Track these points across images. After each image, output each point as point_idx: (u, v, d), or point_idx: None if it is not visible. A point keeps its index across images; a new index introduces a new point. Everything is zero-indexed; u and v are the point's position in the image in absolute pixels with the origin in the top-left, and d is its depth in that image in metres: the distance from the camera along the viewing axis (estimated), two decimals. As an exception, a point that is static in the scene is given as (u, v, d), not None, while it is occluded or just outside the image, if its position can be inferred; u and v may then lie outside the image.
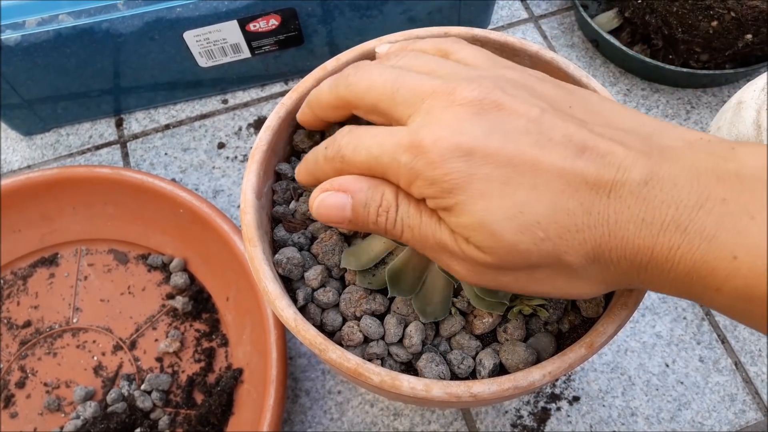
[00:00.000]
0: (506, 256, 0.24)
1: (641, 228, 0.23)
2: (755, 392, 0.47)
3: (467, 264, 0.26)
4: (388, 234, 0.27)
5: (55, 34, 0.50)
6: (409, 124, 0.26)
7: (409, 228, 0.26)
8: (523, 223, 0.24)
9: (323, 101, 0.31)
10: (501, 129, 0.24)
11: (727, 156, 0.23)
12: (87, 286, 0.51)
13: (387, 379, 0.30)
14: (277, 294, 0.31)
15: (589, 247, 0.24)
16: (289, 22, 0.54)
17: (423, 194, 0.25)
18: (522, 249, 0.24)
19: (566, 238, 0.24)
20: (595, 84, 0.37)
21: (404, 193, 0.26)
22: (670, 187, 0.23)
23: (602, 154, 0.24)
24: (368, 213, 0.27)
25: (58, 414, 0.47)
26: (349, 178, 0.27)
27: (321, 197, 0.28)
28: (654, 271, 0.24)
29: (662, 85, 0.59)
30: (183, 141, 0.59)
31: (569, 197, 0.24)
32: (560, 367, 0.30)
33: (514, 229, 0.24)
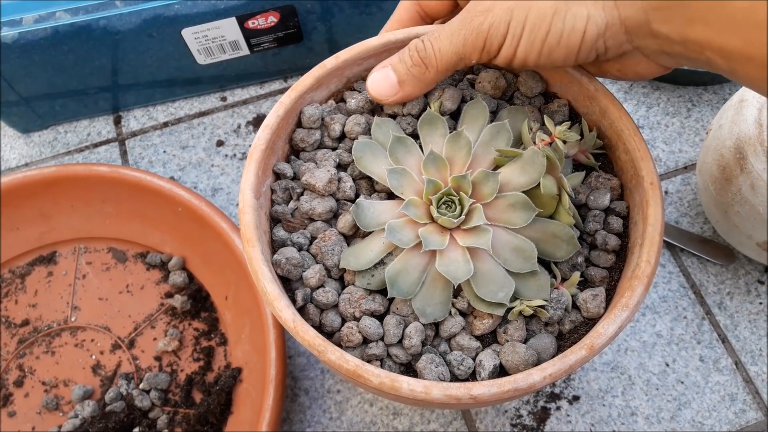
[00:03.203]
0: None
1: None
2: (755, 392, 0.47)
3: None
4: (431, 59, 0.33)
5: (53, 32, 0.49)
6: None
7: (436, 38, 0.32)
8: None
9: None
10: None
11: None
12: (85, 284, 0.51)
13: (386, 380, 0.29)
14: (275, 295, 0.31)
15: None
16: (288, 19, 0.53)
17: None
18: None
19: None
20: (597, 83, 0.36)
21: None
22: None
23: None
24: (405, 59, 0.34)
25: (56, 413, 0.47)
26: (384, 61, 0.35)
27: (369, 79, 0.35)
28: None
29: (663, 83, 0.59)
30: (182, 139, 0.58)
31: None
32: (561, 369, 0.30)
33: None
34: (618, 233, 0.36)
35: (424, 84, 0.35)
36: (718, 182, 0.45)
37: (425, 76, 0.34)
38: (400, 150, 0.36)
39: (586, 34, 0.30)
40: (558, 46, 0.30)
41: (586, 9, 0.29)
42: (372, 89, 0.35)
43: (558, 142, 0.33)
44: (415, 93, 0.35)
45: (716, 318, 0.49)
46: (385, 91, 0.35)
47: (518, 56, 0.32)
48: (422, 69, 0.34)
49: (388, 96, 0.35)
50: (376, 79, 0.35)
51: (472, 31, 0.32)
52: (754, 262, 0.51)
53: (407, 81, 0.35)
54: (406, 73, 0.34)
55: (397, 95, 0.35)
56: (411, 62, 0.34)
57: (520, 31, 0.31)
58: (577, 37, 0.30)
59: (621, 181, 0.37)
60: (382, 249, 0.34)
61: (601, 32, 0.29)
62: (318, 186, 0.35)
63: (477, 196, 0.34)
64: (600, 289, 0.34)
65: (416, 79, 0.34)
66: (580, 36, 0.30)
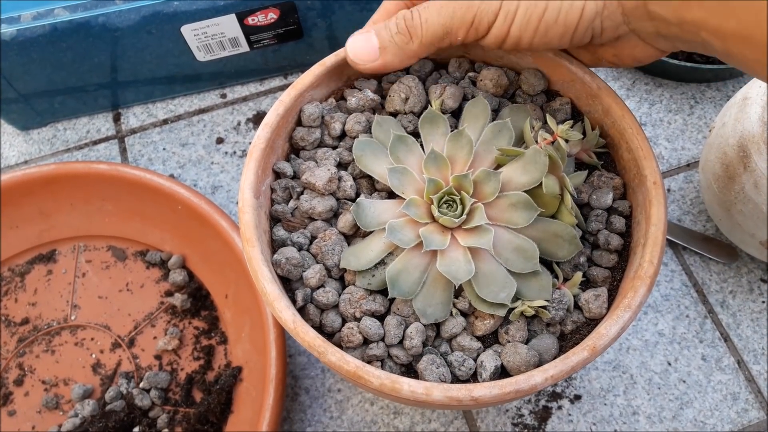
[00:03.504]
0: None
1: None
2: (758, 391, 0.47)
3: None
4: (417, 29, 0.32)
5: (51, 29, 0.49)
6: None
7: (425, 8, 0.31)
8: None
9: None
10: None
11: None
12: (85, 282, 0.51)
13: (387, 382, 0.29)
14: (275, 295, 0.31)
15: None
16: (288, 15, 0.53)
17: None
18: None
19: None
20: (599, 81, 0.36)
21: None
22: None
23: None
24: (390, 26, 0.33)
25: (56, 412, 0.47)
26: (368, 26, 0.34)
27: (349, 41, 0.34)
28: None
29: (666, 80, 0.59)
30: (181, 136, 0.58)
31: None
32: (562, 371, 0.29)
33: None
34: (620, 233, 0.35)
35: (405, 55, 0.34)
36: (721, 180, 0.45)
37: (408, 47, 0.33)
38: (401, 149, 0.35)
39: (585, 12, 0.29)
40: (555, 24, 0.30)
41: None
42: (351, 52, 0.34)
43: (560, 141, 0.33)
44: (394, 63, 0.34)
45: (718, 317, 0.49)
46: (364, 56, 0.34)
47: (512, 35, 0.31)
48: (406, 38, 0.33)
49: (367, 61, 0.34)
50: (357, 42, 0.34)
51: (462, 5, 0.31)
52: (756, 260, 0.51)
53: (389, 48, 0.33)
54: (389, 40, 0.33)
55: (376, 62, 0.34)
56: (396, 29, 0.33)
57: (514, 8, 0.30)
58: (575, 15, 0.29)
59: (624, 180, 0.36)
60: (383, 249, 0.34)
61: (599, 11, 0.29)
62: (318, 185, 0.35)
63: (478, 196, 0.34)
64: (602, 290, 0.33)
65: (398, 48, 0.33)
66: (578, 13, 0.29)
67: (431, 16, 0.32)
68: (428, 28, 0.32)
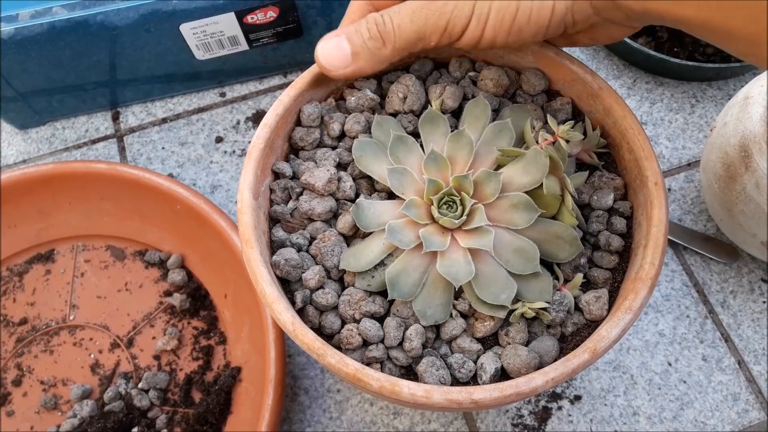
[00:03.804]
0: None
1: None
2: (758, 391, 0.47)
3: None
4: (389, 34, 0.32)
5: (49, 27, 0.49)
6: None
7: (397, 14, 0.31)
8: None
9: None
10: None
11: None
12: (84, 282, 0.51)
13: (386, 384, 0.29)
14: (274, 297, 0.31)
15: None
16: (288, 13, 0.53)
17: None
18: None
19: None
20: (600, 81, 0.36)
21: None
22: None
23: None
24: (362, 31, 0.32)
25: (55, 412, 0.47)
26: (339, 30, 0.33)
27: (319, 46, 0.33)
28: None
29: (667, 79, 0.58)
30: (180, 135, 0.58)
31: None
32: (563, 373, 0.29)
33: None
34: (621, 234, 0.35)
35: (378, 60, 0.33)
36: (723, 180, 0.45)
37: (381, 52, 0.33)
38: (400, 149, 0.35)
39: (555, 10, 0.30)
40: (528, 24, 0.30)
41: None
42: (322, 58, 0.33)
43: (561, 142, 0.33)
44: (367, 69, 0.34)
45: (719, 317, 0.49)
46: (336, 62, 0.33)
47: (485, 37, 0.31)
48: (379, 44, 0.32)
49: (339, 67, 0.33)
50: (328, 48, 0.33)
51: (435, 11, 0.31)
52: (757, 260, 0.50)
53: (362, 54, 0.33)
54: (361, 45, 0.33)
55: (348, 68, 0.33)
56: (368, 35, 0.32)
57: (486, 11, 0.30)
58: (546, 13, 0.30)
59: (625, 181, 0.36)
60: (383, 250, 0.34)
61: (569, 6, 0.30)
62: (317, 185, 0.35)
63: (479, 197, 0.33)
64: (603, 291, 0.33)
65: (371, 54, 0.33)
66: (549, 11, 0.30)
67: (404, 21, 0.32)
68: (401, 33, 0.32)
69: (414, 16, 0.31)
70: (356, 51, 0.33)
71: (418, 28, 0.31)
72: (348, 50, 0.33)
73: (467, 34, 0.31)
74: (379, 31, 0.32)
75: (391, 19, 0.32)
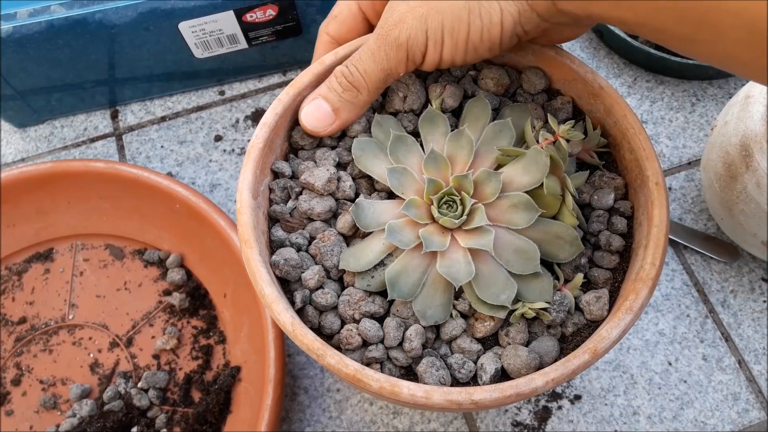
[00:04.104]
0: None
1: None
2: (758, 391, 0.46)
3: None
4: (360, 81, 0.33)
5: (48, 25, 0.48)
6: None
7: (359, 60, 0.33)
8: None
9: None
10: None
11: None
12: (83, 281, 0.51)
13: (386, 385, 0.29)
14: (273, 297, 0.31)
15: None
16: (287, 12, 0.52)
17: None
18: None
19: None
20: (601, 80, 0.36)
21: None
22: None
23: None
24: (335, 87, 0.34)
25: (54, 412, 0.47)
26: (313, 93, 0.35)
27: (302, 113, 0.35)
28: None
29: (667, 77, 0.58)
30: (179, 133, 0.58)
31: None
32: (563, 374, 0.29)
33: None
34: (622, 234, 0.35)
35: (358, 107, 0.35)
36: (723, 179, 0.45)
37: (359, 99, 0.34)
38: (400, 149, 0.35)
39: (504, 25, 0.31)
40: (481, 42, 0.32)
41: (497, 3, 0.30)
42: (307, 122, 0.35)
43: (561, 141, 0.33)
44: (351, 118, 0.35)
45: (719, 316, 0.49)
46: (321, 122, 0.35)
47: (445, 59, 0.33)
48: (354, 93, 0.34)
49: (326, 126, 0.35)
50: (310, 112, 0.35)
51: (392, 46, 0.32)
52: (758, 259, 0.50)
53: (342, 107, 0.34)
54: (339, 100, 0.34)
55: (335, 124, 0.35)
56: (341, 88, 0.34)
57: (440, 36, 0.32)
58: (496, 30, 0.31)
59: (625, 181, 0.36)
60: (382, 250, 0.33)
61: (516, 20, 0.31)
62: (317, 185, 0.34)
63: (479, 196, 0.33)
64: (603, 291, 0.33)
65: (350, 104, 0.34)
66: (499, 28, 0.31)
67: (368, 65, 0.33)
68: (370, 77, 0.33)
69: (375, 57, 0.33)
70: (336, 107, 0.34)
71: (383, 67, 0.33)
72: (328, 109, 0.34)
73: (427, 59, 0.33)
74: (349, 82, 0.34)
75: (356, 68, 0.33)
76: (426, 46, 0.32)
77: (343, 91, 0.34)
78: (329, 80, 0.35)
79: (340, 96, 0.34)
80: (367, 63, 0.33)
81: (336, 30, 0.38)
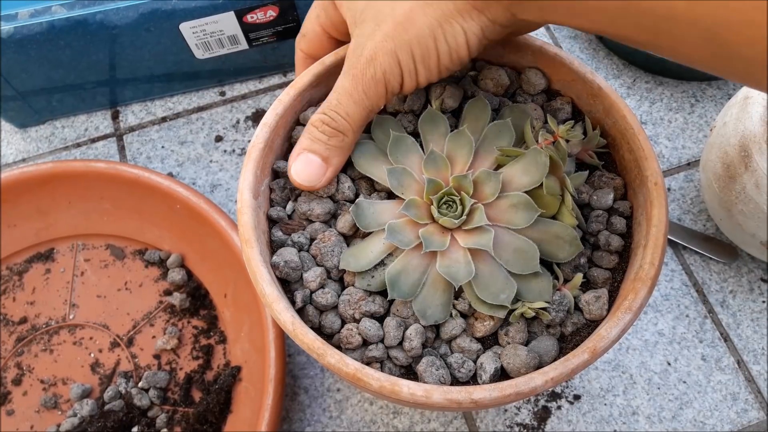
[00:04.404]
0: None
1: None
2: (757, 391, 0.47)
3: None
4: (344, 125, 0.33)
5: (49, 26, 0.49)
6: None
7: (338, 105, 0.33)
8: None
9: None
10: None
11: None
12: (84, 281, 0.51)
13: (386, 384, 0.29)
14: (274, 297, 0.31)
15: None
16: (288, 13, 0.53)
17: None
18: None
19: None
20: (600, 80, 0.36)
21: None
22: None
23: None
24: (319, 137, 0.33)
25: (54, 412, 0.47)
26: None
27: (292, 171, 0.34)
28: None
29: (666, 78, 0.58)
30: (180, 134, 0.58)
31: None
32: (563, 373, 0.29)
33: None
34: (621, 234, 0.35)
35: (346, 149, 0.34)
36: (722, 180, 0.45)
37: (345, 142, 0.34)
38: (400, 149, 0.35)
39: (470, 43, 0.32)
40: (451, 62, 0.33)
41: (459, 25, 0.31)
42: (301, 179, 0.34)
43: (561, 141, 0.33)
44: (343, 161, 0.35)
45: (718, 316, 0.49)
46: (315, 175, 0.34)
47: (421, 83, 0.33)
48: (341, 137, 0.34)
49: (320, 177, 0.34)
50: (301, 169, 0.34)
51: (369, 83, 0.32)
52: (757, 260, 0.51)
53: (331, 155, 0.34)
54: (326, 149, 0.34)
55: (328, 173, 0.34)
56: (327, 136, 0.33)
57: (413, 66, 0.32)
58: (463, 50, 0.32)
59: (624, 181, 0.36)
60: (383, 250, 0.34)
61: (480, 36, 0.32)
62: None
63: (478, 196, 0.33)
64: (603, 291, 0.33)
65: (338, 149, 0.34)
66: (465, 48, 0.32)
67: (349, 107, 0.33)
68: (353, 118, 0.33)
69: (354, 97, 0.33)
70: (325, 156, 0.34)
71: (364, 105, 0.33)
72: (318, 160, 0.34)
73: (405, 86, 0.33)
74: (333, 128, 0.33)
75: (336, 113, 0.33)
76: (402, 77, 0.32)
77: (329, 138, 0.33)
78: (309, 131, 0.34)
79: (327, 144, 0.34)
80: (348, 105, 0.33)
81: (307, 47, 0.39)
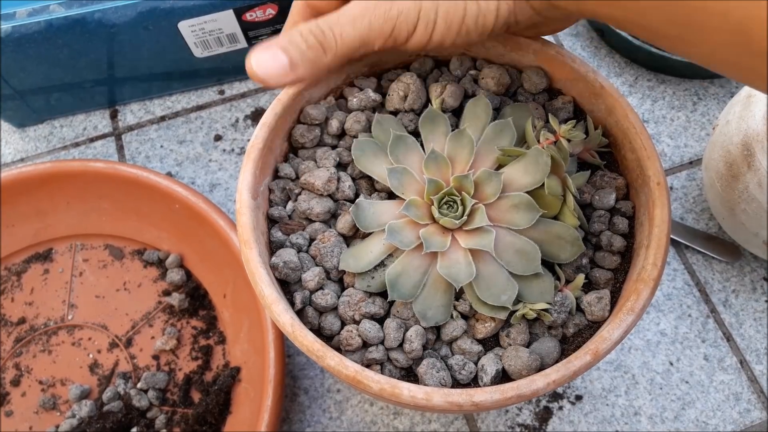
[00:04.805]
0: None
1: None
2: (760, 391, 0.46)
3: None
4: (330, 42, 0.31)
5: (47, 25, 0.48)
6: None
7: (336, 23, 0.30)
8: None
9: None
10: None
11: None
12: (82, 281, 0.51)
13: (387, 387, 0.29)
14: (273, 298, 0.31)
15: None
16: (287, 11, 0.52)
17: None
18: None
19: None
20: (602, 79, 0.36)
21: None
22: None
23: None
24: (298, 42, 0.31)
25: (53, 412, 0.47)
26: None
27: (252, 59, 0.30)
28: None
29: (668, 76, 0.58)
30: (179, 133, 0.58)
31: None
32: (565, 375, 0.29)
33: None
34: (623, 234, 0.35)
35: (318, 68, 0.32)
36: (725, 179, 0.44)
37: (321, 61, 0.31)
38: (400, 148, 0.35)
39: (499, 13, 0.31)
40: (475, 27, 0.31)
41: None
42: (257, 70, 0.31)
43: (562, 141, 0.33)
44: (307, 76, 0.32)
45: (721, 316, 0.49)
46: (274, 71, 0.31)
47: (433, 41, 0.31)
48: (319, 53, 0.31)
49: (279, 77, 0.31)
50: (263, 60, 0.31)
51: (379, 17, 0.30)
52: (759, 259, 0.50)
53: (301, 64, 0.31)
54: (299, 57, 0.31)
55: (287, 78, 0.31)
56: (306, 45, 0.31)
57: (433, 17, 0.31)
58: (491, 18, 0.31)
59: (627, 181, 0.36)
60: (383, 250, 0.33)
61: (511, 9, 0.31)
62: (317, 185, 0.34)
63: (479, 197, 0.33)
64: (605, 292, 0.33)
65: (311, 63, 0.31)
66: (494, 16, 0.31)
67: (346, 30, 0.31)
68: (344, 41, 0.31)
69: (356, 23, 0.31)
70: (295, 62, 0.31)
71: (361, 35, 0.31)
72: (285, 61, 0.31)
73: (414, 38, 0.31)
74: (318, 41, 0.31)
75: (331, 29, 0.31)
76: (415, 26, 0.31)
77: (308, 49, 0.31)
78: (291, 35, 0.31)
79: (303, 52, 0.31)
80: (345, 27, 0.31)
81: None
